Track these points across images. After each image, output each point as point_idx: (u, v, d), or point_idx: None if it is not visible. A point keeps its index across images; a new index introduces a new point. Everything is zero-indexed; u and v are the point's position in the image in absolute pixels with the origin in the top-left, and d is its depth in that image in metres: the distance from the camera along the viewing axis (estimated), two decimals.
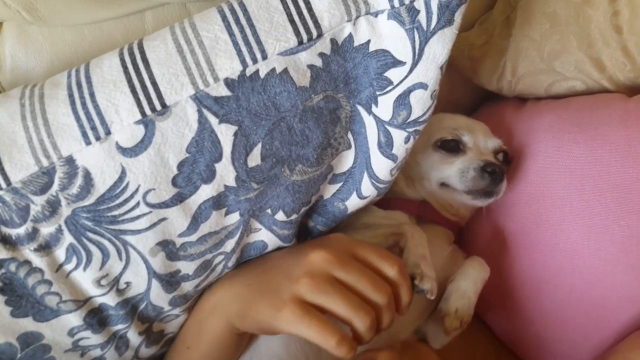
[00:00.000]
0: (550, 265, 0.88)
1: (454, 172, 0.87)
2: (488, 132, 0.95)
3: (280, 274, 0.70)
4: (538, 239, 0.90)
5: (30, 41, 0.73)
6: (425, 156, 0.91)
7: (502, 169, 0.87)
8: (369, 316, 0.66)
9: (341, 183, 0.77)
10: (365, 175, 0.76)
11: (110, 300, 0.69)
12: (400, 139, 0.71)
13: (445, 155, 0.90)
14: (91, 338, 0.70)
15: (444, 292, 0.83)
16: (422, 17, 0.62)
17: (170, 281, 0.71)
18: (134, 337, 0.75)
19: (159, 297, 0.71)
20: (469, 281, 0.83)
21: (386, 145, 0.72)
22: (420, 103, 0.68)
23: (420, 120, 0.70)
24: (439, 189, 0.90)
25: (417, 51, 0.64)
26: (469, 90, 1.10)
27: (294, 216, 0.74)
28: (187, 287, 0.73)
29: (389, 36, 0.64)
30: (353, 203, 0.79)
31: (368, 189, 0.77)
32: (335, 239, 0.74)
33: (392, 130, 0.70)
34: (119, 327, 0.72)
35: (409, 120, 0.69)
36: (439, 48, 0.64)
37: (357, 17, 0.64)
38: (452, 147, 0.90)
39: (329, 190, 0.78)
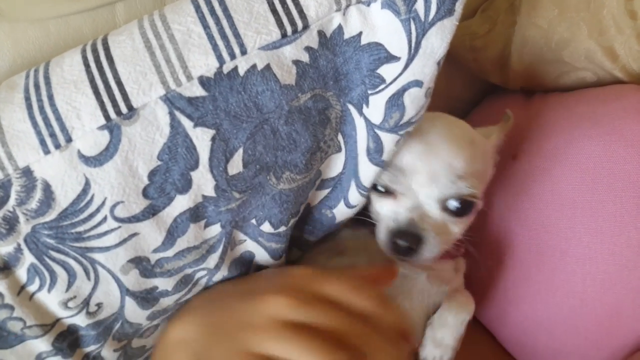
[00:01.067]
0: (561, 272, 0.84)
1: (386, 217, 0.74)
2: (446, 171, 0.71)
3: (234, 316, 0.62)
4: (547, 243, 0.85)
5: None
6: None
7: (412, 244, 0.71)
8: None
9: (329, 189, 0.72)
10: (353, 183, 0.70)
11: (80, 321, 0.63)
12: (390, 144, 0.65)
13: (378, 195, 0.75)
14: None
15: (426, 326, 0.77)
16: (419, 7, 0.56)
17: (146, 298, 0.65)
18: (109, 355, 0.69)
19: (135, 314, 0.66)
20: (446, 330, 0.76)
21: (375, 152, 0.66)
22: (415, 103, 0.62)
23: (413, 120, 0.65)
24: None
25: (413, 45, 0.58)
26: (470, 84, 1.07)
27: (282, 228, 0.68)
28: (167, 302, 0.67)
29: (383, 27, 0.58)
30: (341, 212, 0.74)
31: (356, 197, 0.72)
32: (297, 275, 0.64)
33: (382, 134, 0.64)
34: (91, 348, 0.66)
35: (401, 123, 0.64)
36: (437, 41, 0.58)
37: (348, 6, 0.58)
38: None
39: (317, 197, 0.73)
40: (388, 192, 0.73)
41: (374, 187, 0.73)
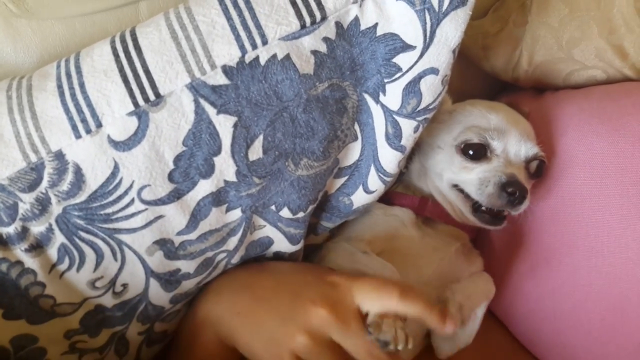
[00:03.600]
0: (567, 265, 0.84)
1: (473, 181, 0.79)
2: (527, 135, 0.83)
3: (273, 315, 0.67)
4: (554, 236, 0.86)
5: (19, 35, 0.70)
6: (446, 153, 0.83)
7: (524, 190, 0.77)
8: None
9: (347, 177, 0.74)
10: (372, 168, 0.72)
11: (106, 302, 0.66)
12: (409, 129, 0.67)
13: (466, 161, 0.81)
14: (88, 341, 0.68)
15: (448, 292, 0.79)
16: None
17: (170, 280, 0.67)
18: (133, 338, 0.72)
19: (159, 296, 0.68)
20: (479, 293, 0.80)
21: (394, 137, 0.68)
22: (431, 90, 0.64)
23: (431, 107, 0.66)
24: (449, 190, 0.84)
25: (428, 34, 0.60)
26: (482, 81, 1.07)
27: (300, 214, 0.70)
28: (188, 285, 0.70)
29: (398, 18, 0.60)
30: (359, 198, 0.76)
31: (375, 182, 0.74)
32: (341, 292, 0.67)
33: (400, 120, 0.66)
34: (117, 328, 0.69)
35: (419, 109, 0.65)
36: (452, 30, 0.60)
37: None
38: (477, 150, 0.80)
39: (334, 185, 0.75)
40: (475, 158, 0.80)
41: (463, 151, 0.80)
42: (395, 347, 0.62)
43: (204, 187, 0.62)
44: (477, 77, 1.06)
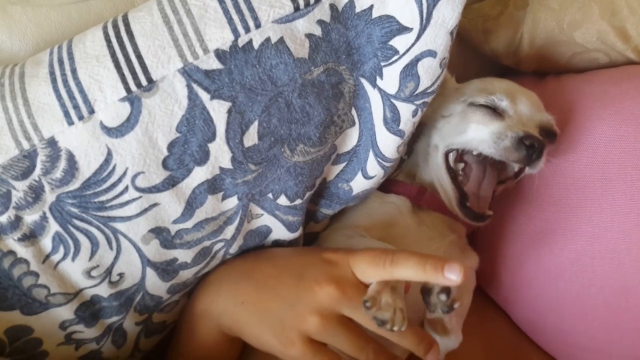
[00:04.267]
0: (570, 251, 0.83)
1: (487, 135, 0.77)
2: (538, 104, 0.84)
3: (279, 300, 0.66)
4: (557, 222, 0.85)
5: (14, 23, 0.68)
6: (454, 118, 0.81)
7: (542, 144, 0.75)
8: (380, 354, 0.64)
9: (345, 163, 0.73)
10: (371, 154, 0.71)
11: (102, 291, 0.65)
12: (407, 113, 0.66)
13: (480, 115, 0.79)
14: (84, 332, 0.67)
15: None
16: None
17: (166, 269, 0.67)
18: (130, 328, 0.71)
19: (156, 286, 0.68)
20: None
21: (392, 121, 0.67)
22: (429, 73, 0.63)
23: (429, 91, 0.65)
24: (444, 172, 0.81)
25: (424, 16, 0.59)
26: (483, 65, 1.06)
27: (297, 201, 0.69)
28: (186, 275, 0.69)
29: (394, 0, 0.59)
30: (358, 184, 0.75)
31: (374, 168, 0.73)
32: (342, 268, 0.66)
33: (398, 104, 0.65)
34: (114, 319, 0.68)
35: (416, 92, 0.64)
36: (449, 11, 0.59)
37: None
38: (489, 109, 0.80)
39: (332, 171, 0.74)
40: (496, 113, 0.79)
41: (482, 105, 0.79)
42: (391, 328, 0.60)
43: (199, 175, 0.61)
44: (478, 61, 1.05)
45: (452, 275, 0.59)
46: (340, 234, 0.80)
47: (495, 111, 0.79)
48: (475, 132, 0.79)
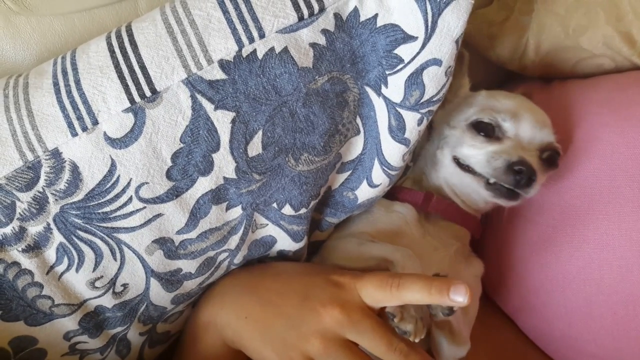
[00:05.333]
0: (577, 259, 0.82)
1: (481, 155, 0.77)
2: (543, 123, 0.81)
3: (283, 318, 0.66)
4: (564, 230, 0.84)
5: (18, 33, 0.69)
6: (457, 131, 0.81)
7: (532, 172, 0.74)
8: None
9: (350, 171, 0.72)
10: (376, 162, 0.71)
11: (106, 302, 0.65)
12: (412, 122, 0.66)
13: (476, 138, 0.79)
14: (89, 342, 0.67)
15: None
16: None
17: (170, 280, 0.67)
18: (134, 339, 0.71)
19: (160, 296, 0.68)
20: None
21: (397, 129, 0.67)
22: (434, 81, 0.63)
23: (434, 99, 0.65)
24: (454, 169, 0.81)
25: (429, 24, 0.58)
26: (489, 71, 1.05)
27: (302, 210, 0.69)
28: (190, 285, 0.69)
29: (398, 8, 0.59)
30: (364, 192, 0.74)
31: (379, 176, 0.72)
32: (348, 291, 0.66)
33: (403, 112, 0.65)
34: (118, 329, 0.68)
35: (422, 101, 0.64)
36: (454, 20, 0.59)
37: None
38: (487, 130, 0.78)
39: (337, 180, 0.73)
40: (489, 136, 0.78)
41: (475, 128, 0.78)
42: (414, 339, 0.61)
43: (203, 185, 0.61)
44: (483, 66, 1.04)
45: (458, 297, 0.59)
46: (348, 242, 0.79)
47: (495, 132, 0.78)
48: (470, 149, 0.79)
